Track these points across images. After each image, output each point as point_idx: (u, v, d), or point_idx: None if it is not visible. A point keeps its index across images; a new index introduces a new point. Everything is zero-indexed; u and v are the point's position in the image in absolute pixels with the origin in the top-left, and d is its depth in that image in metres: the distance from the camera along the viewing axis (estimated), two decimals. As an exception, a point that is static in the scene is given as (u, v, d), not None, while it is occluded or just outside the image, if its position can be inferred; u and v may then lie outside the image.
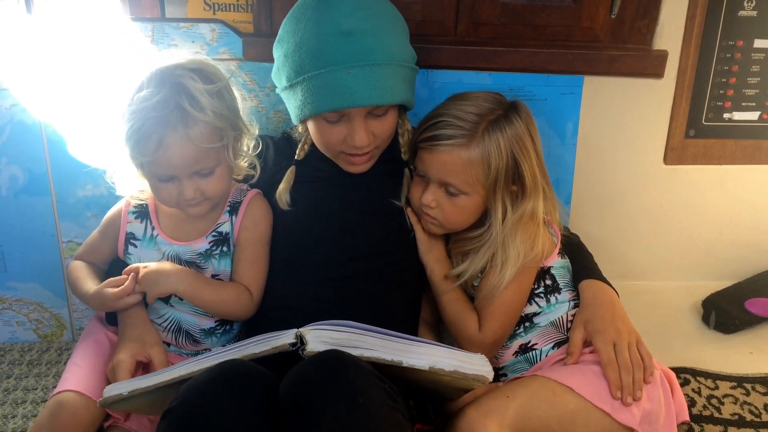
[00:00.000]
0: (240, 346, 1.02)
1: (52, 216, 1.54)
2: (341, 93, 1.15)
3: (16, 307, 1.60)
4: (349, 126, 1.20)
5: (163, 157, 1.14)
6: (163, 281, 1.20)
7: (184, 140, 1.14)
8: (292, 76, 1.21)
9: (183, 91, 1.14)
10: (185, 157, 1.15)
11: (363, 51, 1.15)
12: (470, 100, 1.23)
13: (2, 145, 1.49)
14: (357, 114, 1.19)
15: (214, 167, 1.20)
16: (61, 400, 1.17)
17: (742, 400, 1.39)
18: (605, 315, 1.22)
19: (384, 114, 1.22)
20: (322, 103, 1.17)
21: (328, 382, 0.92)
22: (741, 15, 1.58)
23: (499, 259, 1.23)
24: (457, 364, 1.02)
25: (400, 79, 1.21)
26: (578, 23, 1.55)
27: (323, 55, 1.16)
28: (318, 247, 1.28)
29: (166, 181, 1.19)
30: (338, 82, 1.15)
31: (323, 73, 1.16)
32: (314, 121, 1.23)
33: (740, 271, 1.75)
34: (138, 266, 1.21)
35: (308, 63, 1.17)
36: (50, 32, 1.43)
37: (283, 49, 1.23)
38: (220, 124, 1.17)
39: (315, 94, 1.17)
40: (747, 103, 1.64)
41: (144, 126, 1.13)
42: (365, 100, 1.16)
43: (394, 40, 1.21)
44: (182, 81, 1.15)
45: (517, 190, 1.24)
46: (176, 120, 1.13)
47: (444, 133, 1.20)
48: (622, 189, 1.69)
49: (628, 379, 1.13)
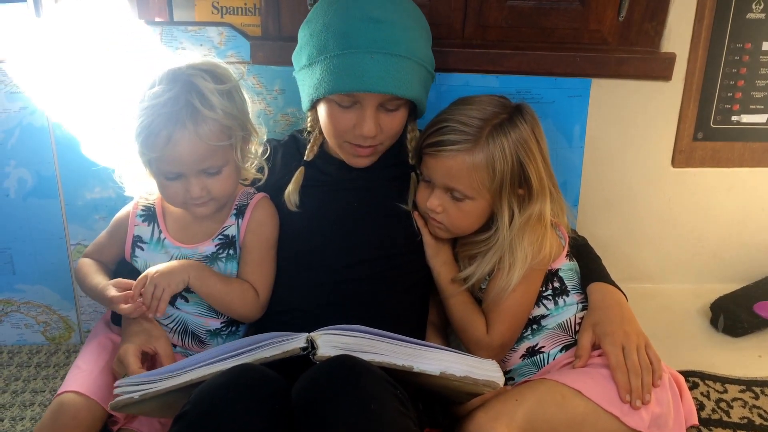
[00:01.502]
0: (250, 349, 1.02)
1: (60, 218, 1.54)
2: (360, 76, 1.16)
3: (24, 309, 1.61)
4: (359, 114, 1.21)
5: (171, 154, 1.15)
6: (176, 272, 1.20)
7: (193, 137, 1.14)
8: (314, 54, 1.21)
9: (194, 90, 1.15)
10: (193, 154, 1.16)
11: (387, 40, 1.17)
12: (474, 105, 1.23)
13: (11, 147, 1.49)
14: (370, 102, 1.20)
15: (221, 166, 1.20)
16: (63, 401, 1.17)
17: (751, 404, 1.39)
18: (614, 318, 1.21)
19: (395, 110, 1.23)
20: (340, 83, 1.18)
21: (341, 387, 0.92)
22: (749, 17, 1.58)
23: (507, 262, 1.22)
24: (468, 369, 1.02)
25: (418, 76, 1.22)
26: (586, 26, 1.55)
27: (348, 37, 1.17)
28: (325, 250, 1.28)
29: (173, 179, 1.19)
30: (359, 65, 1.16)
31: (346, 54, 1.17)
32: (326, 105, 1.23)
33: (749, 274, 1.75)
34: (147, 273, 1.21)
35: (332, 43, 1.18)
36: (58, 36, 1.44)
37: (309, 28, 1.24)
38: (229, 123, 1.18)
39: (334, 74, 1.18)
40: (755, 105, 1.64)
41: (154, 122, 1.13)
42: (382, 87, 1.17)
43: (417, 38, 1.23)
44: (193, 80, 1.16)
45: (524, 194, 1.23)
46: (186, 117, 1.13)
47: (448, 139, 1.20)
48: (630, 192, 1.69)
49: (637, 382, 1.13)
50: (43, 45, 1.43)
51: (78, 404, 1.17)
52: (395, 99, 1.21)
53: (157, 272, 1.20)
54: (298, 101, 1.34)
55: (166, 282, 1.19)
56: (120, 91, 1.42)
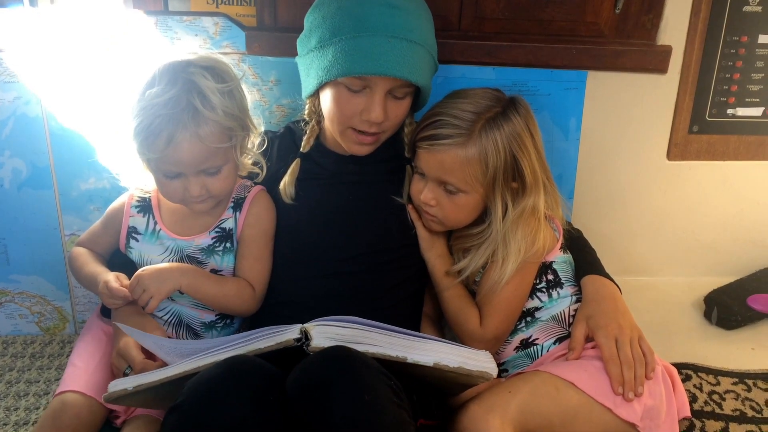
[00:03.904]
0: (244, 341, 1.02)
1: (54, 209, 1.54)
2: (377, 58, 1.16)
3: (18, 299, 1.61)
4: (368, 99, 1.20)
5: (172, 155, 1.14)
6: (167, 277, 1.19)
7: (194, 139, 1.13)
8: (327, 37, 1.20)
9: (195, 89, 1.13)
10: (194, 155, 1.15)
11: (404, 26, 1.18)
12: (468, 98, 1.23)
13: (5, 138, 1.48)
14: (381, 87, 1.19)
15: (221, 166, 1.20)
16: (64, 400, 1.18)
17: (743, 396, 1.40)
18: (607, 310, 1.22)
19: (402, 98, 1.23)
20: (355, 65, 1.17)
21: (335, 378, 0.92)
22: (746, 10, 1.57)
23: (500, 255, 1.23)
24: (462, 360, 1.02)
25: (428, 65, 1.24)
26: (582, 18, 1.55)
27: (365, 20, 1.17)
28: (320, 243, 1.28)
29: (172, 178, 1.18)
30: (376, 47, 1.16)
31: (362, 36, 1.17)
32: (335, 88, 1.22)
33: (743, 267, 1.75)
34: (140, 274, 1.19)
35: (348, 25, 1.18)
36: (54, 25, 1.43)
37: (321, 11, 1.23)
38: (230, 124, 1.17)
39: (349, 55, 1.17)
40: (751, 98, 1.64)
41: (154, 123, 1.12)
42: (398, 71, 1.17)
43: (428, 27, 1.25)
44: (194, 79, 1.14)
45: (518, 187, 1.23)
46: (187, 118, 1.12)
47: (441, 133, 1.20)
48: (625, 184, 1.69)
49: (630, 374, 1.13)
50: (37, 34, 1.42)
51: (79, 404, 1.17)
52: (404, 86, 1.21)
53: (149, 276, 1.18)
54: (294, 92, 1.34)
55: (156, 288, 1.17)
56: (115, 81, 1.42)
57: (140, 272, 1.19)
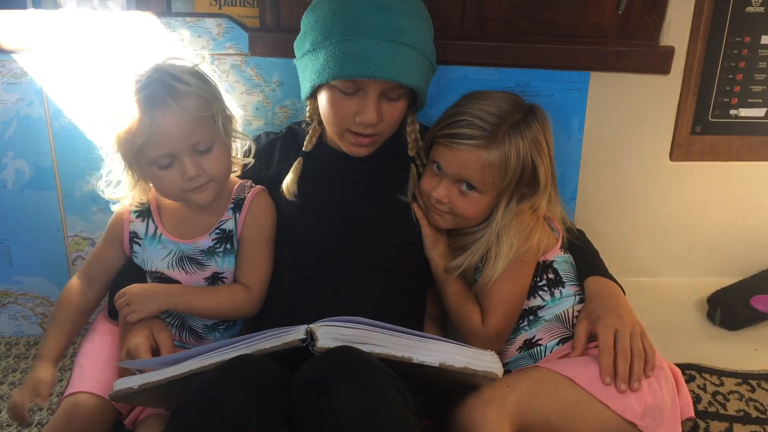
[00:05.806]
0: (250, 341, 1.02)
1: (57, 210, 1.54)
2: (366, 62, 1.16)
3: (21, 300, 1.61)
4: (362, 101, 1.21)
5: (158, 132, 1.14)
6: (154, 297, 1.21)
7: (176, 111, 1.14)
8: (319, 40, 1.21)
9: (167, 71, 1.16)
10: (179, 126, 1.14)
11: (394, 28, 1.18)
12: (489, 100, 1.24)
13: (8, 139, 1.49)
14: (373, 90, 1.19)
15: (211, 143, 1.19)
16: (77, 401, 1.18)
17: (747, 397, 1.40)
18: (609, 306, 1.22)
19: (396, 99, 1.23)
20: (344, 68, 1.17)
21: (341, 378, 0.92)
22: (748, 11, 1.58)
23: (494, 251, 1.23)
24: (467, 360, 1.02)
25: (421, 66, 1.23)
26: (585, 19, 1.55)
27: (355, 24, 1.17)
28: (323, 242, 1.28)
29: (166, 167, 1.17)
30: (365, 50, 1.16)
31: (352, 40, 1.17)
32: (328, 92, 1.23)
33: (746, 267, 1.75)
34: (128, 289, 1.21)
35: (338, 28, 1.18)
36: (57, 26, 1.43)
37: (314, 15, 1.24)
38: (206, 96, 1.18)
39: (339, 59, 1.18)
40: (753, 99, 1.64)
41: (134, 108, 1.13)
42: (387, 73, 1.17)
43: (422, 29, 1.24)
44: (165, 68, 1.17)
45: (527, 192, 1.25)
46: (164, 94, 1.13)
47: (465, 132, 1.21)
48: (628, 185, 1.69)
49: (625, 366, 1.12)
50: (40, 35, 1.43)
51: (91, 405, 1.17)
52: (398, 88, 1.21)
53: (136, 293, 1.20)
54: (297, 93, 1.34)
55: (140, 306, 1.19)
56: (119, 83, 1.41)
57: (128, 288, 1.21)
